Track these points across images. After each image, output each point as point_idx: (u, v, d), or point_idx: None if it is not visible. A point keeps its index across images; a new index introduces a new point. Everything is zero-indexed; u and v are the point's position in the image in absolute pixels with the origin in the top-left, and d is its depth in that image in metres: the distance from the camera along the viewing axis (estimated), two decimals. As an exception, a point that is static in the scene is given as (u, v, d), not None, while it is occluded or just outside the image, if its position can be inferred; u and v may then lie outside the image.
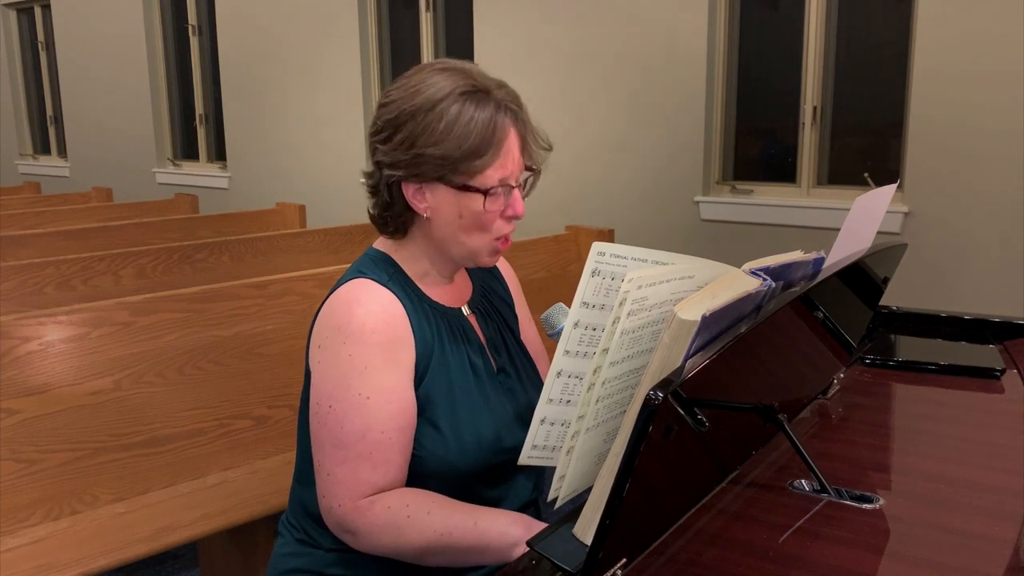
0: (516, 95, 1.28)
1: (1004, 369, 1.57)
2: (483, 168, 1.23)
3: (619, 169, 4.30)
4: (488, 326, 1.41)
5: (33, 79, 8.38)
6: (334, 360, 1.24)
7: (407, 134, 1.23)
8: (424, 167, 1.23)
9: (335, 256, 3.70)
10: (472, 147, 1.21)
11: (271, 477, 2.25)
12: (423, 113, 1.22)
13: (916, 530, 1.03)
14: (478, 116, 1.22)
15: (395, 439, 1.24)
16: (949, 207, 3.35)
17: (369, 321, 1.23)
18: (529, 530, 1.19)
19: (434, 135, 1.21)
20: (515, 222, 1.32)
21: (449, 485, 1.28)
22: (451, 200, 1.25)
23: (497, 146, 1.23)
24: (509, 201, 1.28)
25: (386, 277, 1.30)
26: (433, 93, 1.23)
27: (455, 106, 1.22)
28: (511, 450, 1.31)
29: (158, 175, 6.89)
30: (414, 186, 1.26)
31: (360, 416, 1.22)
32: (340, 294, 1.28)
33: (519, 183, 1.29)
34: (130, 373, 2.14)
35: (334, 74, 5.50)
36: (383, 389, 1.23)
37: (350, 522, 1.23)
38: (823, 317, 1.26)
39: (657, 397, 0.83)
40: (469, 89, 1.23)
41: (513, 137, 1.25)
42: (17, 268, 2.91)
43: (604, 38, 4.24)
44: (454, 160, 1.22)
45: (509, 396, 1.36)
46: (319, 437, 1.25)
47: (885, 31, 3.68)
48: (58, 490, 2.01)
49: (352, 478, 1.22)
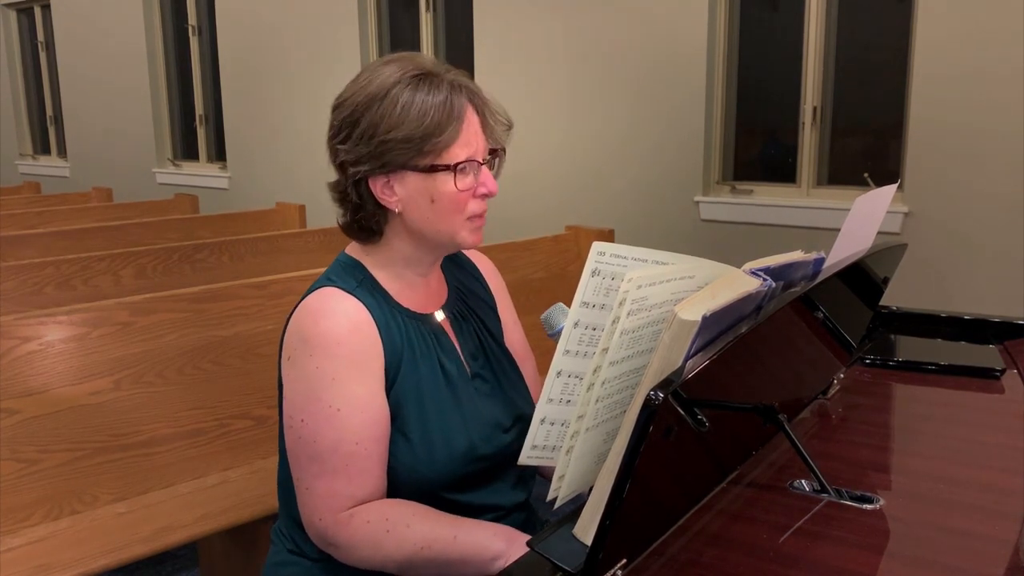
0: (468, 76, 1.28)
1: (1004, 369, 1.57)
2: (448, 144, 1.22)
3: (619, 169, 4.30)
4: (463, 330, 1.38)
5: (33, 79, 8.38)
6: (302, 373, 1.22)
7: (366, 125, 1.22)
8: (389, 155, 1.22)
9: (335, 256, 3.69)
10: (433, 124, 1.21)
11: (271, 477, 2.24)
12: (377, 102, 1.22)
13: (916, 530, 1.03)
14: (432, 96, 1.22)
15: (370, 449, 1.22)
16: (949, 207, 3.35)
17: (334, 332, 1.22)
18: (511, 543, 1.18)
19: (392, 118, 1.21)
20: (488, 201, 1.30)
21: (423, 495, 1.26)
22: (421, 187, 1.24)
23: (457, 121, 1.22)
24: (480, 179, 1.27)
25: (354, 283, 1.28)
26: (383, 80, 1.23)
27: (407, 90, 1.22)
28: (487, 457, 1.29)
29: (158, 175, 6.89)
30: (382, 180, 1.24)
31: (332, 429, 1.21)
32: (306, 305, 1.26)
33: (486, 160, 1.28)
34: (130, 373, 2.14)
35: (334, 74, 5.50)
36: (353, 399, 1.21)
37: (331, 536, 1.22)
38: (823, 317, 1.26)
39: (657, 397, 0.82)
40: (419, 73, 1.24)
41: (471, 114, 1.25)
42: (17, 268, 2.91)
43: (604, 38, 4.24)
44: (417, 140, 1.21)
45: (486, 402, 1.33)
46: (294, 451, 1.24)
47: (885, 31, 3.68)
48: (58, 490, 2.01)
49: (329, 491, 1.21)
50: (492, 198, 1.30)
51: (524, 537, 1.19)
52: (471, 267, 1.48)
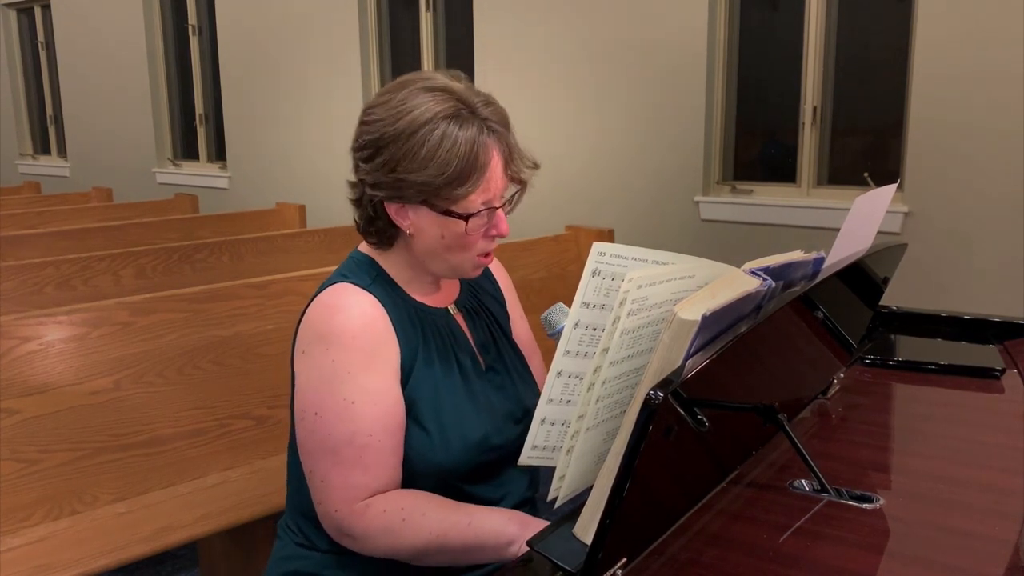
0: (503, 113, 1.26)
1: (1004, 369, 1.57)
2: (465, 195, 1.22)
3: (619, 169, 4.30)
4: (476, 324, 1.40)
5: (33, 79, 8.38)
6: (317, 366, 1.24)
7: (388, 157, 1.22)
8: (406, 191, 1.23)
9: (335, 256, 3.70)
10: (454, 174, 1.20)
11: (271, 477, 2.25)
12: (405, 137, 1.20)
13: (916, 530, 1.03)
14: (461, 139, 1.20)
15: (384, 441, 1.23)
16: (949, 207, 3.35)
17: (350, 326, 1.23)
18: (525, 527, 1.19)
19: (415, 161, 1.20)
20: (498, 240, 1.30)
21: (438, 484, 1.27)
22: (433, 221, 1.25)
23: (480, 172, 1.21)
24: (492, 221, 1.27)
25: (368, 280, 1.29)
26: (416, 116, 1.20)
27: (437, 131, 1.20)
28: (500, 447, 1.31)
29: (158, 175, 6.89)
30: (396, 205, 1.26)
31: (346, 421, 1.22)
32: (321, 300, 1.27)
33: (503, 203, 1.28)
34: (130, 373, 2.14)
35: (334, 74, 5.50)
36: (368, 392, 1.23)
37: (347, 527, 1.23)
38: (823, 317, 1.26)
39: (657, 397, 0.83)
40: (453, 112, 1.21)
41: (496, 159, 1.24)
42: (17, 268, 2.91)
43: (604, 38, 4.24)
44: (435, 187, 1.21)
45: (499, 394, 1.36)
46: (307, 445, 1.25)
47: (885, 31, 3.68)
48: (58, 490, 2.01)
49: (345, 483, 1.22)
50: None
51: (537, 522, 1.20)
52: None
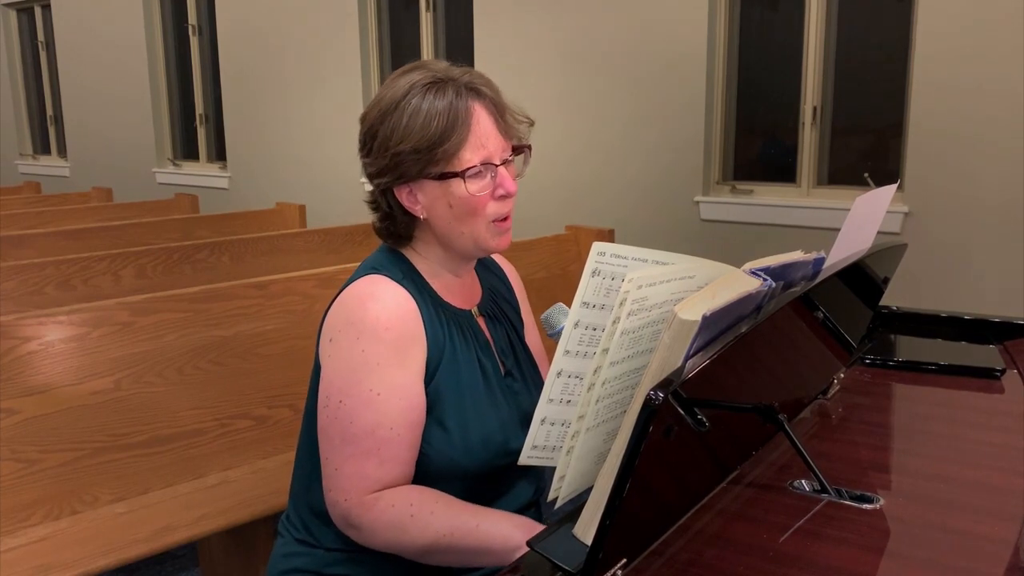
0: (482, 76, 1.29)
1: (1004, 369, 1.57)
2: (455, 151, 1.24)
3: (619, 169, 4.30)
4: (496, 329, 1.41)
5: (33, 79, 8.38)
6: (346, 355, 1.24)
7: (381, 139, 1.26)
8: (403, 166, 1.25)
9: (335, 256, 3.71)
10: (436, 133, 1.23)
11: (271, 477, 2.25)
12: (388, 115, 1.25)
13: (916, 530, 1.03)
14: (437, 103, 1.23)
15: (403, 436, 1.24)
16: (949, 207, 3.35)
17: (383, 317, 1.24)
18: (531, 534, 1.19)
19: (400, 131, 1.24)
20: (510, 202, 1.31)
21: (453, 484, 1.28)
22: (438, 193, 1.26)
23: (464, 127, 1.24)
24: (497, 180, 1.27)
25: (400, 275, 1.30)
26: (394, 93, 1.26)
27: (415, 100, 1.24)
28: (516, 452, 1.31)
29: (158, 175, 6.89)
30: (405, 189, 1.28)
31: (370, 412, 1.22)
32: (354, 288, 1.28)
33: (504, 161, 1.29)
34: (130, 373, 2.14)
35: (334, 74, 5.50)
36: (394, 386, 1.23)
37: (354, 517, 1.23)
38: (823, 317, 1.26)
39: (657, 397, 0.83)
40: (429, 81, 1.25)
41: (482, 116, 1.26)
42: (17, 268, 2.91)
43: (604, 38, 4.24)
44: (425, 150, 1.23)
45: (515, 399, 1.37)
46: (327, 431, 1.25)
47: (885, 31, 3.68)
48: (58, 490, 2.01)
49: (359, 473, 1.23)
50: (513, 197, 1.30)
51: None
52: (497, 269, 1.52)
